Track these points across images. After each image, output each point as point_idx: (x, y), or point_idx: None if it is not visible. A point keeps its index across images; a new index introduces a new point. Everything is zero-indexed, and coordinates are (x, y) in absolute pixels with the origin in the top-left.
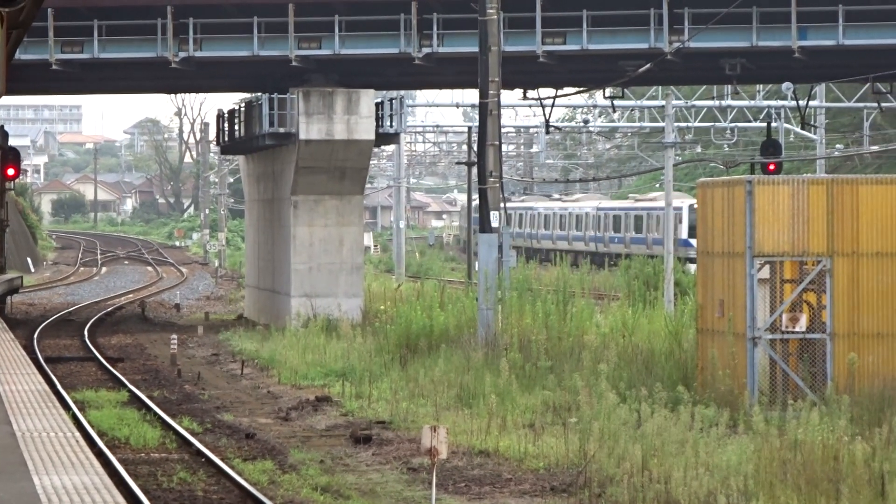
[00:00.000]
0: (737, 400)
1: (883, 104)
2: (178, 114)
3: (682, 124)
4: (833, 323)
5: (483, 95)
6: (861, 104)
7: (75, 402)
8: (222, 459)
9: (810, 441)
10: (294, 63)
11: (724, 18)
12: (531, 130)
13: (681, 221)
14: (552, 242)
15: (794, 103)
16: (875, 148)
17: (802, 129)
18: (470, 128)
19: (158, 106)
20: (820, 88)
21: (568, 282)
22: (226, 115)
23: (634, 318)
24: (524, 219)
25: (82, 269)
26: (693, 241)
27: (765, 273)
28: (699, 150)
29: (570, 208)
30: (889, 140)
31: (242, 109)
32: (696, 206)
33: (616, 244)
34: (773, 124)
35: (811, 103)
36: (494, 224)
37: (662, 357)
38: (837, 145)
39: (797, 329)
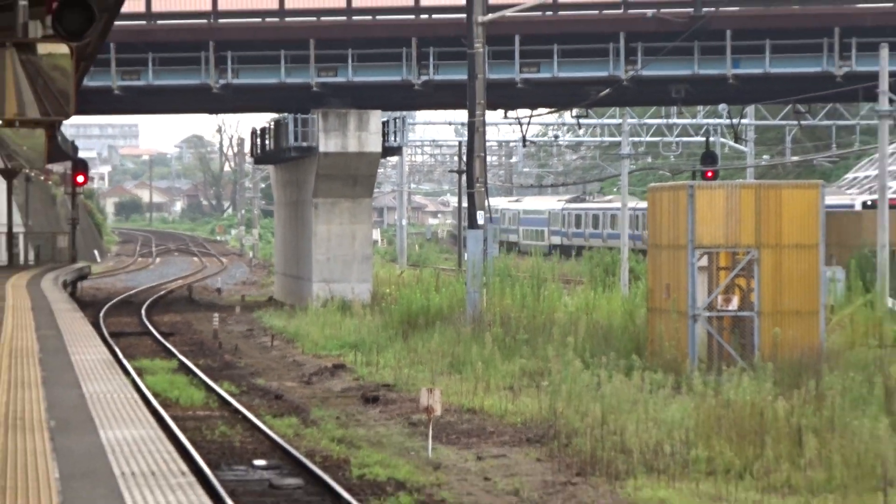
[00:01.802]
0: (680, 366)
1: (802, 122)
2: (219, 131)
3: (636, 139)
4: (760, 303)
5: (471, 115)
6: (784, 122)
7: (134, 369)
8: (256, 416)
9: (740, 400)
10: (314, 89)
11: (671, 51)
12: (511, 144)
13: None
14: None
15: (728, 121)
16: (795, 158)
17: (735, 142)
18: (460, 142)
19: (202, 124)
20: (750, 109)
21: (541, 269)
22: (258, 132)
23: (596, 299)
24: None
25: (140, 259)
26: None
27: (703, 262)
28: (650, 160)
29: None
30: (807, 152)
31: (272, 127)
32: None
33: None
34: (711, 139)
35: (742, 121)
36: (480, 221)
37: (619, 331)
38: (764, 156)
39: (730, 308)
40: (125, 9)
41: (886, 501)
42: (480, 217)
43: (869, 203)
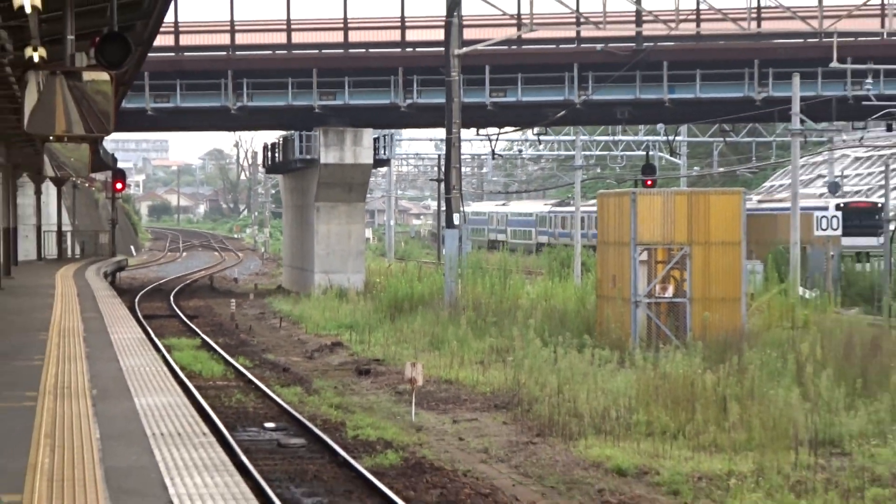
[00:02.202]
0: (624, 344)
1: (727, 139)
2: (236, 145)
3: (587, 153)
4: (691, 291)
5: (448, 132)
6: (711, 139)
7: (164, 346)
8: (266, 386)
9: (674, 373)
10: (317, 110)
11: (617, 79)
12: (482, 157)
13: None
14: None
15: (664, 138)
16: (721, 169)
17: (671, 156)
18: (439, 155)
19: (222, 140)
20: (683, 128)
21: (507, 262)
22: (269, 146)
23: (553, 288)
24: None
25: (169, 253)
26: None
27: (644, 256)
28: (599, 170)
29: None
30: (731, 164)
31: (281, 142)
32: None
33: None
34: (650, 153)
35: (677, 138)
36: (456, 222)
37: (572, 315)
38: (695, 167)
39: (666, 295)
40: (157, 42)
41: (797, 458)
42: (456, 218)
43: (842, 205)
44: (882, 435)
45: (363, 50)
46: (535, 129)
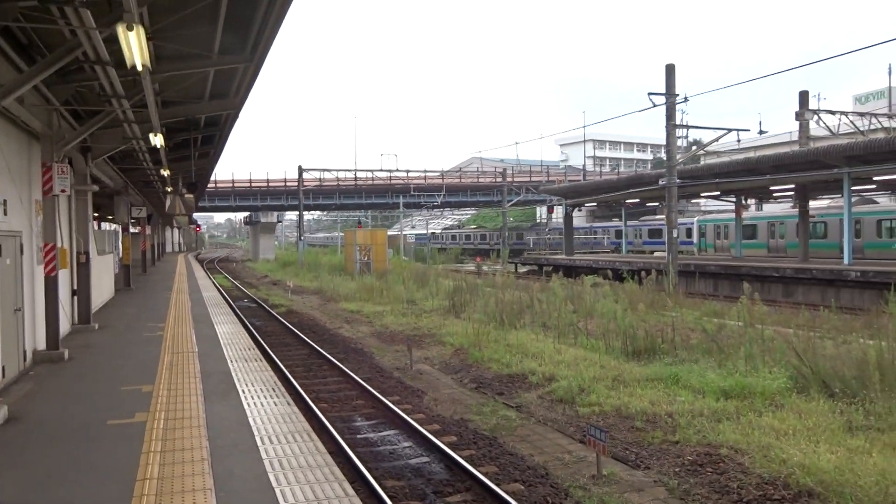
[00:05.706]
0: (353, 274)
1: (382, 213)
2: (234, 216)
3: (343, 218)
4: (372, 258)
5: (300, 213)
6: (382, 213)
7: (215, 279)
8: (245, 288)
9: (368, 282)
10: (259, 206)
11: (359, 195)
12: (308, 218)
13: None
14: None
15: (366, 213)
16: (382, 223)
17: (367, 219)
18: (298, 219)
19: (231, 215)
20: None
21: (319, 252)
22: (245, 217)
23: (332, 258)
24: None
25: (214, 248)
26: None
27: (359, 248)
28: (347, 223)
29: None
30: (387, 219)
31: (249, 216)
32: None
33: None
34: (360, 219)
35: (368, 213)
36: (302, 239)
37: (339, 266)
38: (374, 222)
39: (366, 260)
40: (209, 185)
41: (404, 306)
42: (302, 238)
43: (649, 228)
44: (426, 299)
45: (274, 185)
46: (327, 212)
